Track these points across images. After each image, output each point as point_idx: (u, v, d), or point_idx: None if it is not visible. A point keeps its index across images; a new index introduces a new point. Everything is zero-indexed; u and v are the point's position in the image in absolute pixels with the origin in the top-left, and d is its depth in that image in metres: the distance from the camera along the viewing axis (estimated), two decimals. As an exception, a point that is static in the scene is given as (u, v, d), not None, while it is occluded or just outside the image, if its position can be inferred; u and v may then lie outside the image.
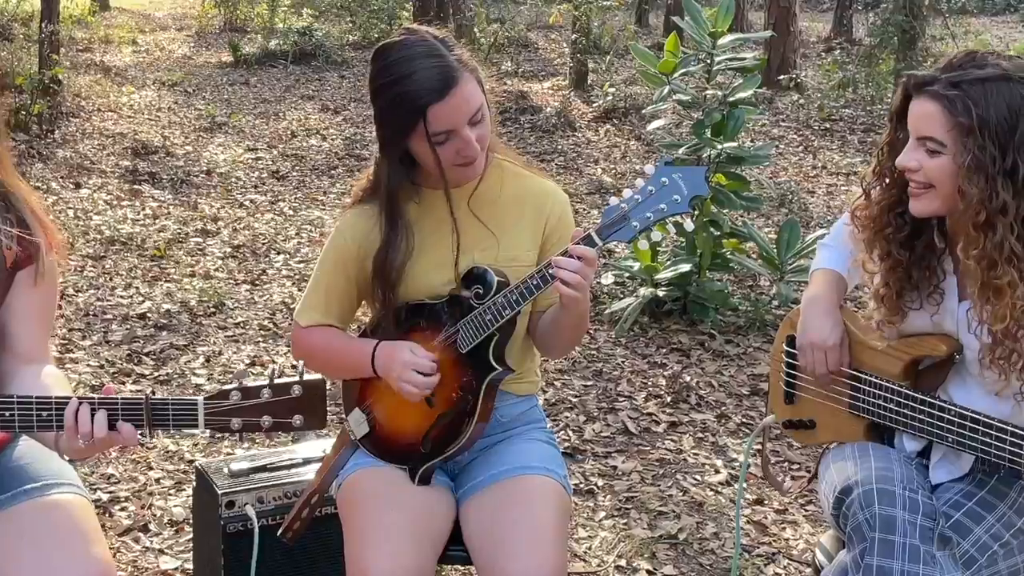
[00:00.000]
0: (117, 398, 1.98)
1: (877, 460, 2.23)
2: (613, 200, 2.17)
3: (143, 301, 5.93)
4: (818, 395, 2.46)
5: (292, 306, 5.76)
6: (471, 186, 2.38)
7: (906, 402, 2.26)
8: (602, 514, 3.82)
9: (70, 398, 1.99)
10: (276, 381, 1.98)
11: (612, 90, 11.32)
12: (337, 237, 2.45)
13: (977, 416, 2.14)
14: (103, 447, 2.02)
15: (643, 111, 9.02)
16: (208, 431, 1.98)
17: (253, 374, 4.78)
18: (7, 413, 1.99)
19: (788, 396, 2.53)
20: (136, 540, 3.58)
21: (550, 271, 2.17)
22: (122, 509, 3.76)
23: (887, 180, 2.26)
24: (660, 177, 2.13)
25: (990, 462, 2.21)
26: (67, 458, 2.21)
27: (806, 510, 3.83)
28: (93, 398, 1.99)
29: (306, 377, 2.00)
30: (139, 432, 2.00)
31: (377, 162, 2.38)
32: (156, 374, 4.96)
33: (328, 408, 2.07)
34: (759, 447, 2.95)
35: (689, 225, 2.21)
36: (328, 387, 2.06)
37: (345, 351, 2.42)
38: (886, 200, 2.26)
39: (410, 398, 2.28)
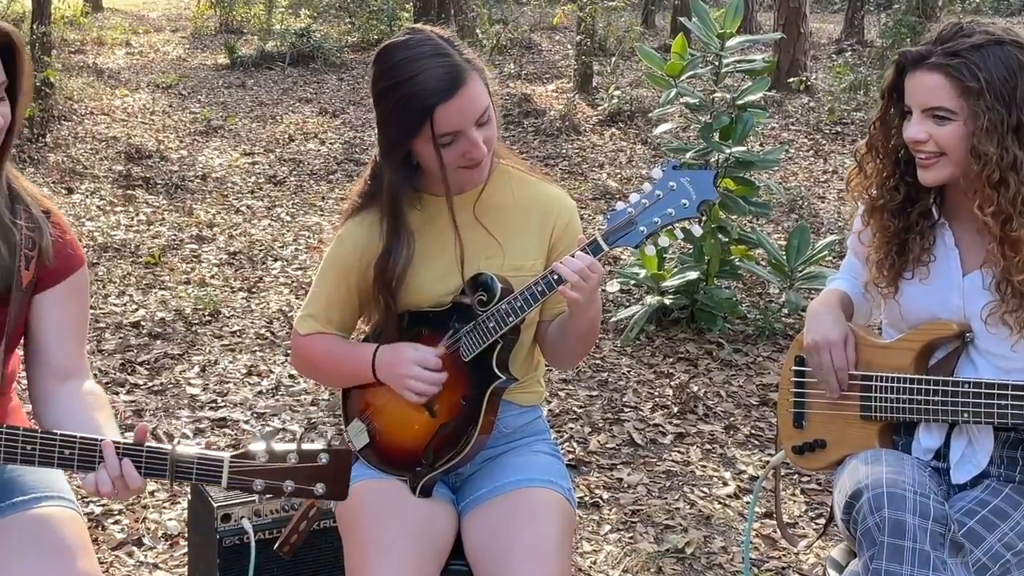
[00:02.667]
0: (142, 448, 1.94)
1: (888, 465, 2.22)
2: (620, 205, 2.18)
3: (137, 309, 5.88)
4: (828, 407, 2.44)
5: (290, 314, 5.73)
6: (475, 192, 2.34)
7: (919, 387, 2.29)
8: (607, 528, 3.77)
9: (96, 440, 1.93)
10: (304, 447, 1.94)
11: (617, 93, 11.25)
12: (338, 245, 2.41)
13: (992, 382, 2.21)
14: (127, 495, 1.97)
15: (649, 114, 8.99)
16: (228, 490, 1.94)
17: (278, 428, 4.58)
18: (28, 447, 1.94)
19: (797, 419, 2.51)
20: (130, 554, 3.53)
21: (554, 277, 2.16)
22: (115, 522, 3.71)
23: (880, 155, 2.37)
24: (668, 181, 2.14)
25: (1008, 454, 2.26)
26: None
27: (816, 524, 3.78)
28: (119, 443, 1.94)
29: (334, 445, 1.96)
30: (161, 484, 1.94)
31: (376, 167, 2.34)
32: (150, 384, 4.90)
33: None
34: (772, 482, 2.92)
35: (698, 230, 2.15)
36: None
37: (345, 357, 2.38)
38: (879, 173, 2.37)
39: (414, 399, 2.25)
